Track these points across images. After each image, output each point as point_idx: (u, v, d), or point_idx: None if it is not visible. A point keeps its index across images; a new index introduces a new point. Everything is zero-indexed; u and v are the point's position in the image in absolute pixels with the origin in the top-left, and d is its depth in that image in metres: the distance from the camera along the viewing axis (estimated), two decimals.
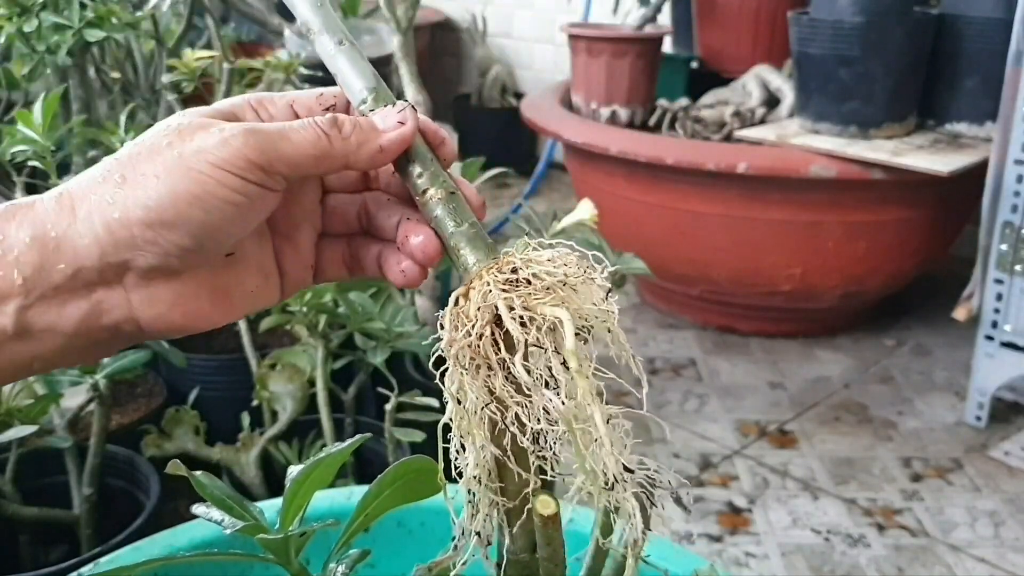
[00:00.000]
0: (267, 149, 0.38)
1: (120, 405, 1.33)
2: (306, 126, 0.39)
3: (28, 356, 0.37)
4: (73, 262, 0.37)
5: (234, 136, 0.37)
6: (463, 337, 0.38)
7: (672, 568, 0.63)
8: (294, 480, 0.45)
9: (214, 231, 0.37)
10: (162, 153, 0.37)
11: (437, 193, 0.41)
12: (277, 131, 0.38)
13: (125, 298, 0.38)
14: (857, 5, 1.79)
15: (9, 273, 0.36)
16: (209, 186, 0.37)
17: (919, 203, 1.88)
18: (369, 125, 0.40)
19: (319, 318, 1.18)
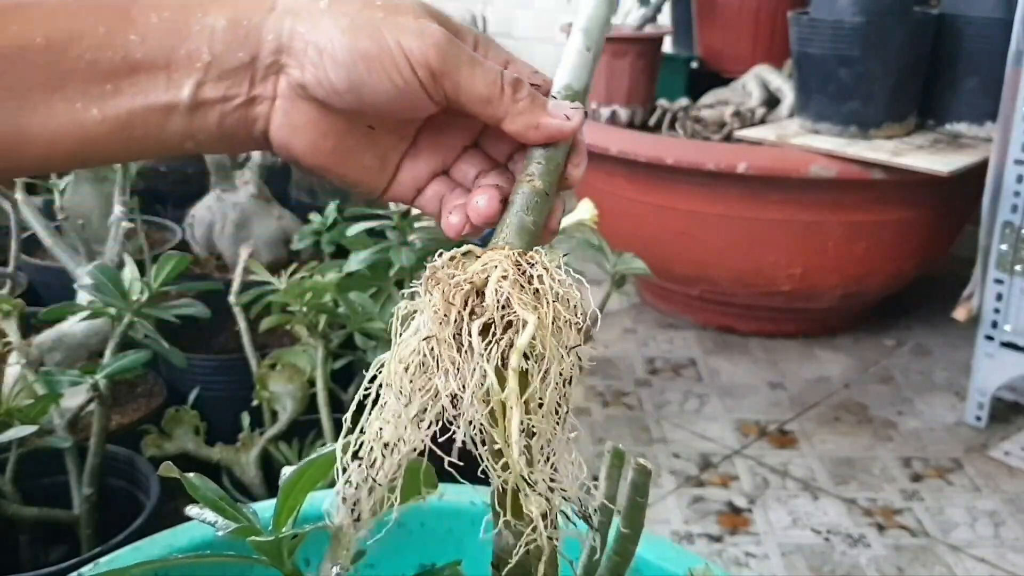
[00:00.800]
0: (450, 63, 0.40)
1: (120, 405, 1.33)
2: (493, 72, 0.41)
3: (189, 131, 0.41)
4: (252, 51, 0.40)
5: (432, 35, 0.40)
6: (447, 278, 0.38)
7: (671, 568, 0.63)
8: (287, 481, 0.45)
9: (366, 92, 0.40)
10: (369, 8, 0.40)
11: (535, 183, 0.42)
12: (468, 59, 0.41)
13: (272, 101, 0.41)
14: (857, 5, 1.79)
15: (200, 49, 0.39)
16: (384, 57, 0.39)
17: (919, 203, 1.88)
18: (541, 104, 0.43)
19: (319, 318, 1.18)
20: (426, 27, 0.40)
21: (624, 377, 1.92)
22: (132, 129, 0.39)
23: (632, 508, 0.43)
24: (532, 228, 0.41)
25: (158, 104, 0.39)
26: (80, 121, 0.39)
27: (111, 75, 0.38)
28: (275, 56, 0.40)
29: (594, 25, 0.48)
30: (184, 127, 0.40)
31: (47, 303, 1.17)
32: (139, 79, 0.39)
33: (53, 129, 0.38)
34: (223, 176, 1.63)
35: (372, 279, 1.19)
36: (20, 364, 1.08)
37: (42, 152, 0.39)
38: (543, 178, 0.42)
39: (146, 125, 0.40)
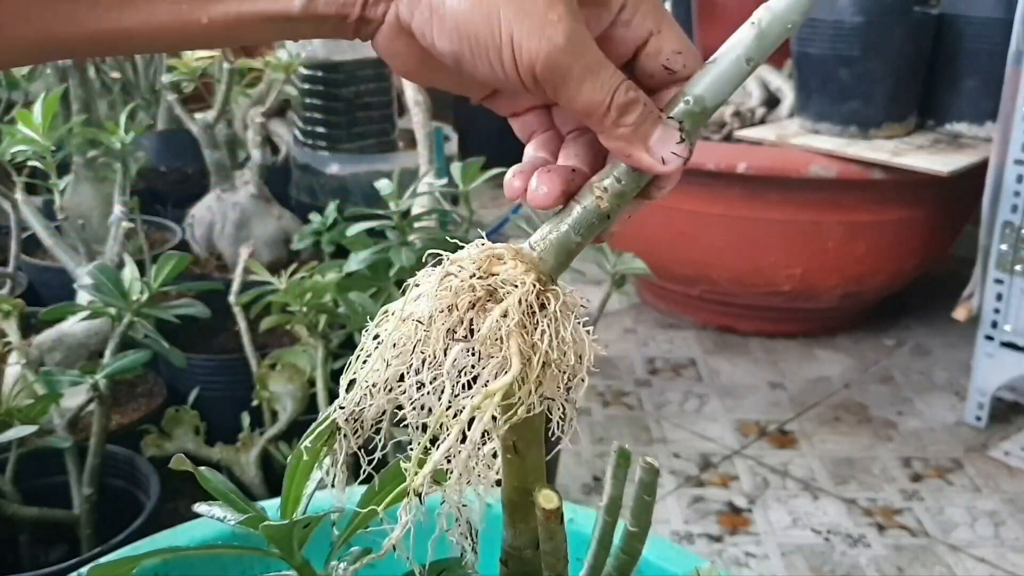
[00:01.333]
0: (557, 76, 0.37)
1: (120, 405, 1.33)
2: (605, 89, 0.38)
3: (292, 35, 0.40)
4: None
5: (551, 38, 0.37)
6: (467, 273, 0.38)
7: (672, 568, 0.63)
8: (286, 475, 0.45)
9: (465, 66, 0.38)
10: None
11: (602, 203, 0.40)
12: (581, 70, 0.38)
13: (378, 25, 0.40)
14: (857, 5, 1.79)
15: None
16: (492, 46, 0.37)
17: (919, 203, 1.88)
18: (645, 133, 0.39)
19: (319, 318, 1.18)
20: (550, 24, 0.37)
21: (624, 377, 1.92)
22: (235, 32, 0.39)
23: (639, 506, 0.43)
24: (573, 248, 0.40)
25: (267, 13, 0.39)
26: (184, 21, 0.38)
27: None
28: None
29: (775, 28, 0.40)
30: (288, 33, 0.40)
31: (47, 303, 1.17)
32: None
33: (155, 27, 0.38)
34: (223, 176, 1.63)
35: (372, 279, 1.19)
36: (20, 364, 1.08)
37: (142, 47, 0.39)
38: (613, 199, 0.40)
39: (250, 30, 0.39)
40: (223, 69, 1.38)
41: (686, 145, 0.39)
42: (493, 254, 0.39)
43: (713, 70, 0.39)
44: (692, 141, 0.40)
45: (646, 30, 0.40)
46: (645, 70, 0.42)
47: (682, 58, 0.41)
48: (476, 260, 0.38)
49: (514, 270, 0.38)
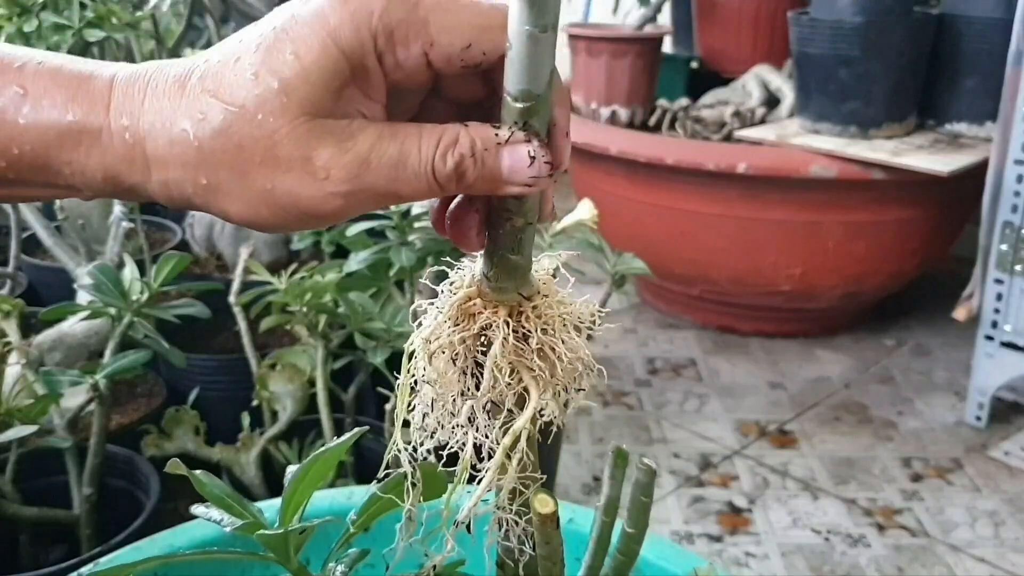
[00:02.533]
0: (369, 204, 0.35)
1: (120, 405, 1.33)
2: (421, 177, 0.35)
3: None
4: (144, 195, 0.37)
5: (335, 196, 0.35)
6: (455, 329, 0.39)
7: (672, 568, 0.63)
8: (293, 478, 0.45)
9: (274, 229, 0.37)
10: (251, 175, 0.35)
11: (516, 221, 0.38)
12: (386, 182, 0.35)
13: None
14: (857, 5, 1.79)
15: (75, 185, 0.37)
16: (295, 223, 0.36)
17: (919, 203, 1.88)
18: (493, 173, 0.36)
19: (319, 318, 1.18)
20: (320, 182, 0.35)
21: (624, 377, 1.92)
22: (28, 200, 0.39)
23: (637, 507, 0.43)
24: (522, 263, 0.39)
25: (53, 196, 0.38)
26: None
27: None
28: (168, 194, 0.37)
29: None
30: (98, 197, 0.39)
31: (47, 303, 1.17)
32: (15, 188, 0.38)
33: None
34: None
35: (372, 279, 1.19)
36: (20, 364, 1.08)
37: None
38: (523, 215, 0.38)
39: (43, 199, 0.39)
40: None
41: (538, 145, 0.35)
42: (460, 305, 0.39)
43: (515, 57, 0.34)
44: (542, 131, 0.36)
45: (418, 54, 0.35)
46: (456, 83, 0.38)
47: (475, 48, 0.35)
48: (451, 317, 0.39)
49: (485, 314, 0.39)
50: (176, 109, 0.35)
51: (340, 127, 0.35)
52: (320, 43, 0.34)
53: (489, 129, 0.35)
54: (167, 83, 0.36)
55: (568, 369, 0.39)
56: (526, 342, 0.38)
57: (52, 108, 0.36)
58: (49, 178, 0.37)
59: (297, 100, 0.34)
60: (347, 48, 0.34)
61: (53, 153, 0.36)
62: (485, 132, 0.35)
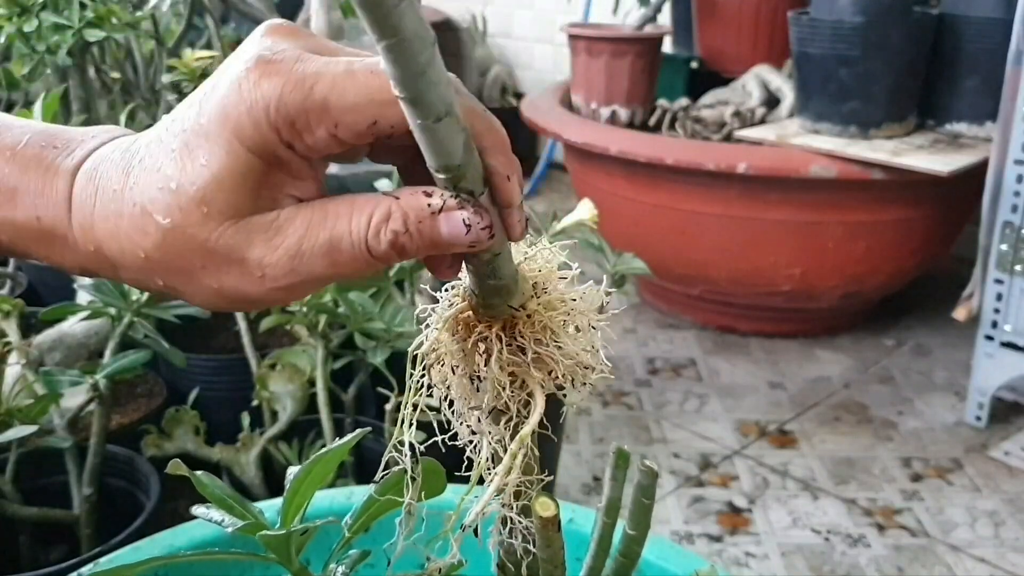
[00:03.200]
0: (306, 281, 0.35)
1: (120, 405, 1.33)
2: (357, 258, 0.34)
3: None
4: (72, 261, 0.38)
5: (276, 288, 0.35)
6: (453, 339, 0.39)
7: (672, 568, 0.63)
8: (294, 479, 0.45)
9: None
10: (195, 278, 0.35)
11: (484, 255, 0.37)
12: (323, 265, 0.34)
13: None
14: (857, 5, 1.79)
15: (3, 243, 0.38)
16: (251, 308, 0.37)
17: (919, 203, 1.88)
18: (431, 240, 0.35)
19: (319, 318, 1.18)
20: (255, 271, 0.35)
21: (624, 377, 1.92)
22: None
23: (638, 509, 0.43)
24: (505, 283, 0.38)
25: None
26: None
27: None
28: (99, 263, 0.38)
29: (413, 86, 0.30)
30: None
31: (47, 303, 1.17)
32: None
33: None
34: None
35: (372, 279, 1.19)
36: (20, 364, 1.08)
37: None
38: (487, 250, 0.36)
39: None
40: None
41: (472, 212, 0.34)
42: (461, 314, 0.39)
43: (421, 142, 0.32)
44: (477, 187, 0.34)
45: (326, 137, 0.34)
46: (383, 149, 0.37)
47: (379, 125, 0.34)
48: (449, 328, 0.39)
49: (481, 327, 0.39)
50: (120, 220, 0.35)
51: (267, 223, 0.34)
52: (226, 146, 0.33)
53: (422, 198, 0.34)
54: (111, 182, 0.36)
55: (570, 368, 0.39)
56: (522, 353, 0.38)
57: (23, 207, 0.37)
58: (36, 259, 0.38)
59: (217, 209, 0.34)
60: (253, 146, 0.33)
61: (32, 248, 0.37)
62: (418, 202, 0.34)
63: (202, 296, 0.36)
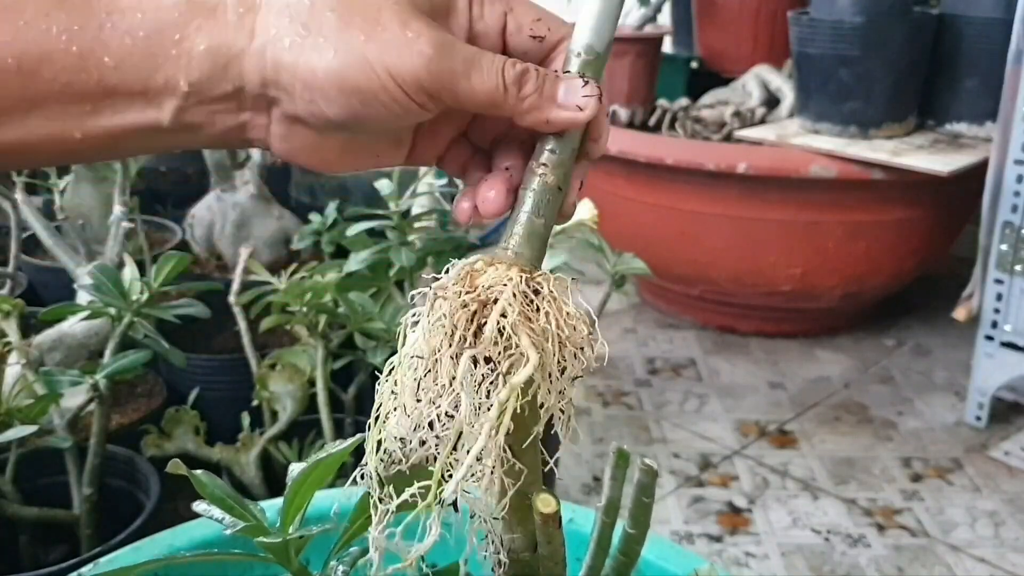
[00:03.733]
0: (444, 81, 0.38)
1: (120, 405, 1.33)
2: (492, 73, 0.39)
3: (176, 144, 0.41)
4: (237, 82, 0.39)
5: (419, 50, 0.37)
6: (454, 296, 0.38)
7: (672, 568, 0.63)
8: (294, 481, 0.45)
9: (363, 121, 0.39)
10: (351, 34, 0.38)
11: (548, 177, 0.40)
12: (463, 65, 0.38)
13: (266, 126, 0.40)
14: (857, 5, 1.79)
15: (176, 76, 0.38)
16: (376, 88, 0.38)
17: (919, 203, 1.88)
18: (550, 94, 0.40)
19: (319, 318, 1.18)
20: (411, 39, 0.38)
21: (624, 377, 1.92)
22: (115, 145, 0.40)
23: (638, 508, 0.43)
24: (542, 231, 0.40)
25: (139, 124, 0.39)
26: (60, 138, 0.38)
27: (87, 97, 0.38)
28: (263, 89, 0.39)
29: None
30: (171, 142, 0.40)
31: (47, 303, 1.17)
32: (117, 101, 0.38)
33: (33, 144, 0.38)
34: (223, 176, 1.63)
35: (372, 279, 1.19)
36: (20, 364, 1.08)
37: (26, 162, 0.40)
38: (556, 170, 0.40)
39: (129, 141, 0.39)
40: None
41: (593, 85, 0.41)
42: (471, 269, 0.39)
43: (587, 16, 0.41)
44: (599, 83, 0.42)
45: (499, 13, 0.42)
46: (518, 49, 0.43)
47: (543, 23, 0.42)
48: (456, 280, 0.38)
49: (496, 272, 0.38)
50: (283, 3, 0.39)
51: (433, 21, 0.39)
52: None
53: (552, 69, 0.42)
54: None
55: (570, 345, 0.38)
56: (533, 306, 0.38)
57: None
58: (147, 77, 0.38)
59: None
60: None
61: (167, 32, 0.38)
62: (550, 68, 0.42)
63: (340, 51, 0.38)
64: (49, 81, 0.37)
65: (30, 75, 0.37)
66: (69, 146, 0.39)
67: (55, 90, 0.37)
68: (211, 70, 0.38)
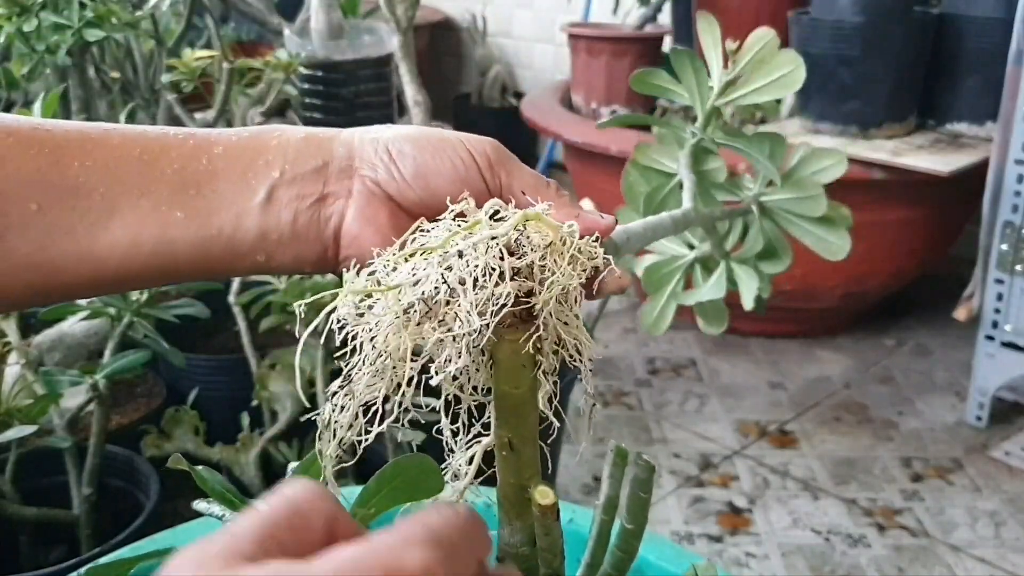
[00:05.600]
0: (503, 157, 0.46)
1: (120, 405, 1.33)
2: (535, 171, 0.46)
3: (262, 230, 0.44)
4: (326, 156, 0.44)
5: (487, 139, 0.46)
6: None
7: (671, 568, 0.63)
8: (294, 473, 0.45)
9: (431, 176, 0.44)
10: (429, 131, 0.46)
11: None
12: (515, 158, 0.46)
13: (347, 198, 0.44)
14: (857, 5, 1.79)
15: (276, 159, 0.44)
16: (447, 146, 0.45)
17: (919, 203, 1.88)
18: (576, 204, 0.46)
19: None
20: (480, 136, 0.45)
21: (624, 377, 1.92)
22: (210, 227, 0.43)
23: (635, 504, 0.43)
24: None
25: (236, 201, 0.43)
26: (163, 221, 0.42)
27: (195, 182, 0.43)
28: (348, 161, 0.44)
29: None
30: (258, 227, 0.43)
31: None
32: (219, 183, 0.43)
33: (135, 229, 0.42)
34: None
35: None
36: (20, 364, 1.08)
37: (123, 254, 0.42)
38: None
39: (222, 222, 0.43)
40: (223, 69, 1.38)
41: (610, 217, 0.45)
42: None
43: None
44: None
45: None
46: None
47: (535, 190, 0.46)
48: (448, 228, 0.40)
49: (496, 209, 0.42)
50: None
51: None
52: None
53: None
54: None
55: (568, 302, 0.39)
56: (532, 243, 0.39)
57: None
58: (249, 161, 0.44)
59: None
60: None
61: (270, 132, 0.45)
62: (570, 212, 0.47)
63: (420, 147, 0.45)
64: (164, 167, 0.43)
65: (150, 164, 0.42)
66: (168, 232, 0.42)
67: (168, 175, 0.42)
68: (305, 149, 0.44)
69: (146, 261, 0.42)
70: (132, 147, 0.42)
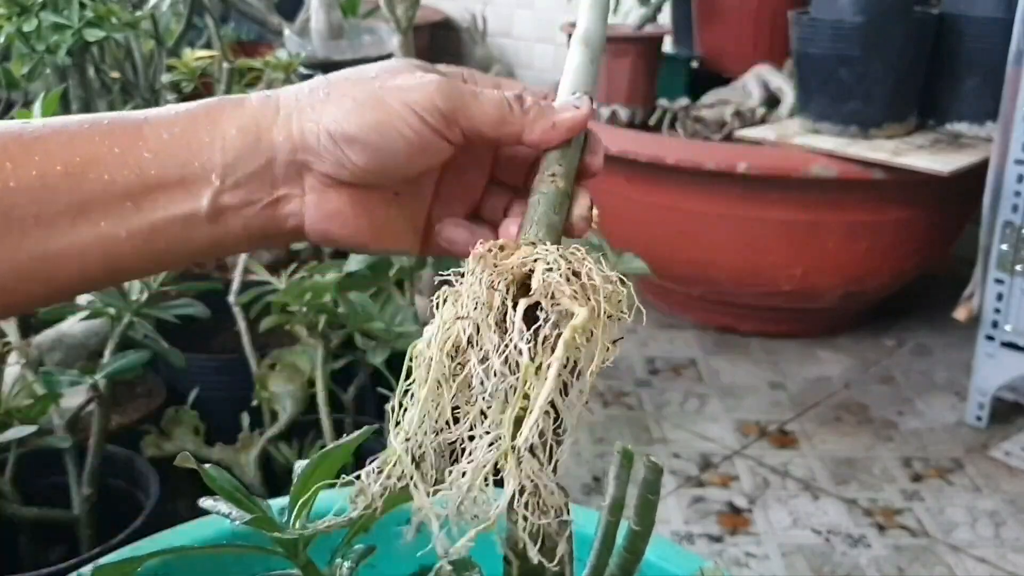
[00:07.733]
0: (455, 100, 0.42)
1: (120, 405, 1.33)
2: (495, 94, 0.43)
3: (213, 237, 0.42)
4: (268, 153, 0.42)
5: (431, 82, 0.42)
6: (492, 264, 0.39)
7: (672, 568, 0.63)
8: (302, 472, 0.45)
9: (385, 157, 0.41)
10: (366, 83, 0.42)
11: (560, 183, 0.43)
12: (468, 92, 0.42)
13: (302, 197, 0.43)
14: (857, 5, 1.79)
15: (212, 160, 0.41)
16: (392, 120, 0.41)
17: (919, 203, 1.88)
18: (548, 106, 0.45)
19: (319, 318, 1.18)
20: (422, 78, 0.42)
21: (624, 377, 1.92)
22: (156, 242, 0.41)
23: (643, 505, 0.43)
24: (558, 226, 0.42)
25: (178, 216, 0.41)
26: (105, 240, 0.40)
27: (129, 194, 0.40)
28: (292, 155, 0.42)
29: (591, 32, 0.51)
30: (208, 235, 0.42)
31: None
32: (157, 195, 0.41)
33: (81, 250, 0.40)
34: None
35: (372, 279, 1.19)
36: (20, 364, 1.08)
37: (74, 273, 0.41)
38: (565, 178, 0.44)
39: (169, 237, 0.41)
40: (222, 69, 1.38)
41: (584, 95, 0.46)
42: (498, 249, 0.39)
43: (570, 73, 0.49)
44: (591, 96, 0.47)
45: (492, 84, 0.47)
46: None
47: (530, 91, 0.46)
48: (484, 255, 0.39)
49: (524, 251, 0.39)
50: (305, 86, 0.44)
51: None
52: None
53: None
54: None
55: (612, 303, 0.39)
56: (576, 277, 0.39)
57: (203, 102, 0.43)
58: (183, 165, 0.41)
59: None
60: None
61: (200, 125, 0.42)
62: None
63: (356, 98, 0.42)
64: (94, 182, 0.40)
65: (77, 178, 0.40)
66: (115, 248, 0.40)
67: (99, 189, 0.40)
68: (243, 147, 0.41)
69: (97, 277, 0.41)
70: (54, 163, 0.40)
